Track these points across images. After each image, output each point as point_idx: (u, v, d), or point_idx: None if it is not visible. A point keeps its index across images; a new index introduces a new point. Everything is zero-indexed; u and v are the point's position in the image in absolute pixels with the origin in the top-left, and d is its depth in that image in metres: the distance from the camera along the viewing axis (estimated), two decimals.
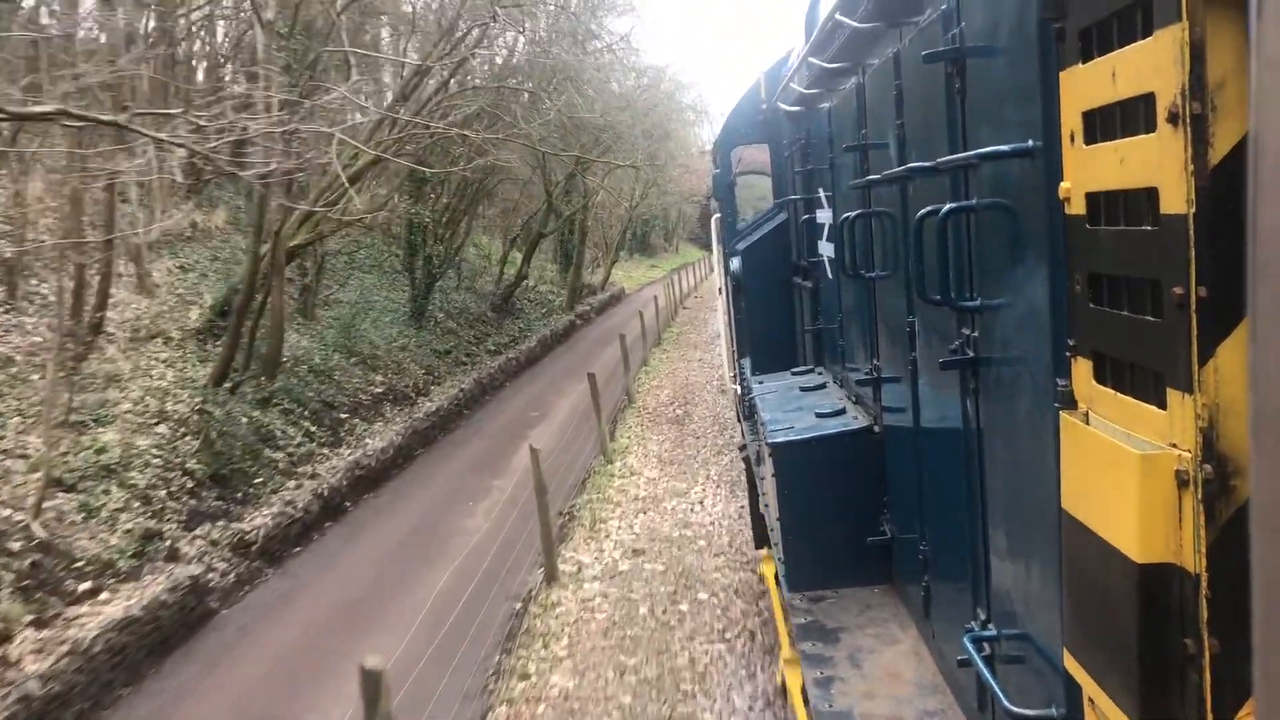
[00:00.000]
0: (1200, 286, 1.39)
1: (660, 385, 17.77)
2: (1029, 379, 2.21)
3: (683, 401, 15.64)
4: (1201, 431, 1.41)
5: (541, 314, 28.83)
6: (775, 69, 7.08)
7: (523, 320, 26.70)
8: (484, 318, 23.87)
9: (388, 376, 15.52)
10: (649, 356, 20.86)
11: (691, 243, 75.59)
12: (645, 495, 9.97)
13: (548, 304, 31.07)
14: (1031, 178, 2.08)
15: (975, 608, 2.76)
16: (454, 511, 10.29)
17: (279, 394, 11.87)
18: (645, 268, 57.50)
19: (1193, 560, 1.43)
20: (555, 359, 23.75)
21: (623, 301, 40.67)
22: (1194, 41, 1.36)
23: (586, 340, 27.92)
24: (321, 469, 11.04)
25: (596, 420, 11.42)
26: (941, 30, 2.66)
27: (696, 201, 65.99)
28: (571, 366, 21.41)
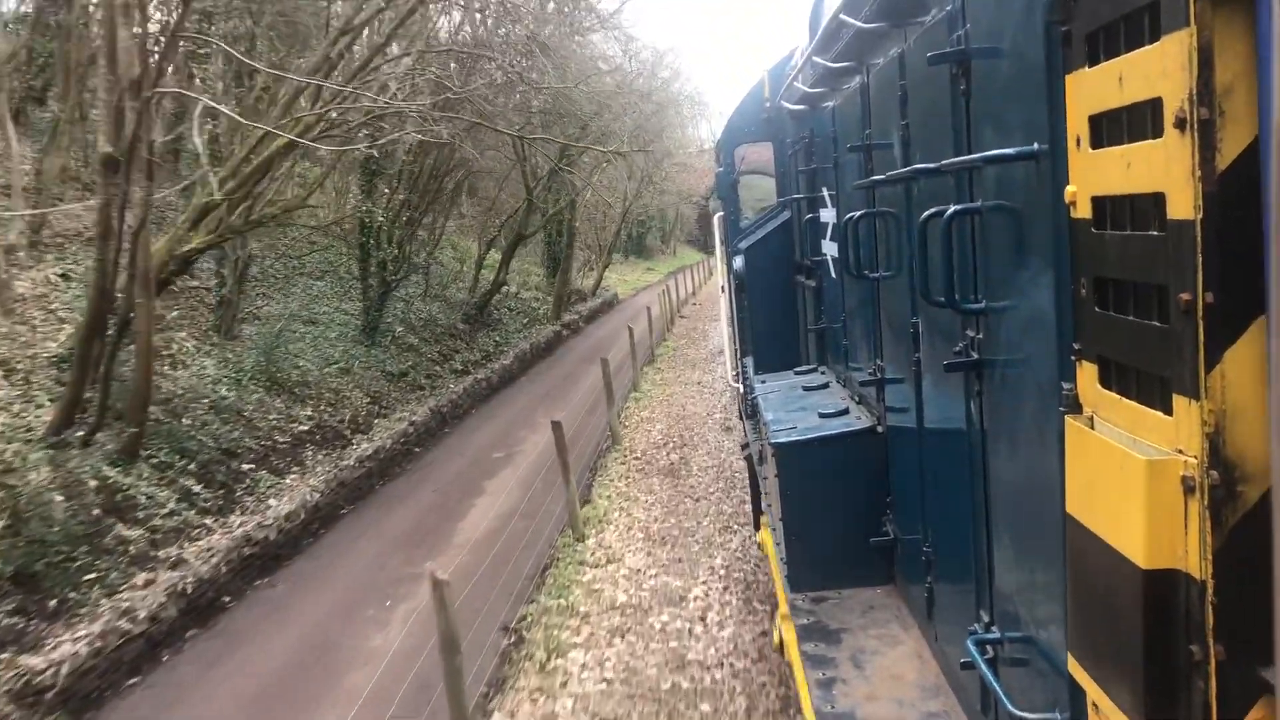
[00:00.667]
0: (1207, 292, 1.40)
1: (652, 418, 15.79)
2: (1033, 382, 2.20)
3: (678, 443, 13.61)
4: (1208, 437, 1.42)
5: (522, 325, 26.90)
6: (779, 68, 7.24)
7: (500, 332, 24.81)
8: (454, 330, 21.92)
9: (319, 409, 13.48)
10: (640, 379, 19.29)
11: (689, 245, 76.47)
12: (625, 601, 7.71)
13: (531, 313, 28.97)
14: (1037, 181, 2.09)
15: (978, 610, 2.73)
16: (365, 616, 7.98)
17: (155, 442, 9.56)
18: (641, 271, 58.18)
19: (1199, 566, 1.43)
20: (535, 378, 21.75)
21: (615, 309, 39.09)
22: (1202, 46, 1.35)
23: (573, 355, 25.87)
24: (193, 550, 8.58)
25: (565, 481, 9.56)
26: (946, 31, 2.69)
27: (695, 202, 66.24)
28: (552, 388, 19.74)
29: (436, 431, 14.59)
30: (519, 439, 13.79)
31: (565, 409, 14.83)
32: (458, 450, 13.46)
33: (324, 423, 12.56)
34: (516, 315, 26.37)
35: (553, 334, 26.50)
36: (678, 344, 26.20)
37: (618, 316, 34.60)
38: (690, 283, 42.39)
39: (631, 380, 17.59)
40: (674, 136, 43.64)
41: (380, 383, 15.17)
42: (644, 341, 22.84)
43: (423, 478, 12.04)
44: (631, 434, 13.55)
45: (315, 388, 13.23)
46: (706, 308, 37.27)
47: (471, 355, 20.23)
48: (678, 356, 23.37)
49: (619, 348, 20.43)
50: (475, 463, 12.51)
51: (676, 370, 20.89)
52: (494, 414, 16.53)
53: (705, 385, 18.16)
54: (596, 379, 15.81)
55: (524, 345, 23.07)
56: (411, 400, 15.35)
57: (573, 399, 16.57)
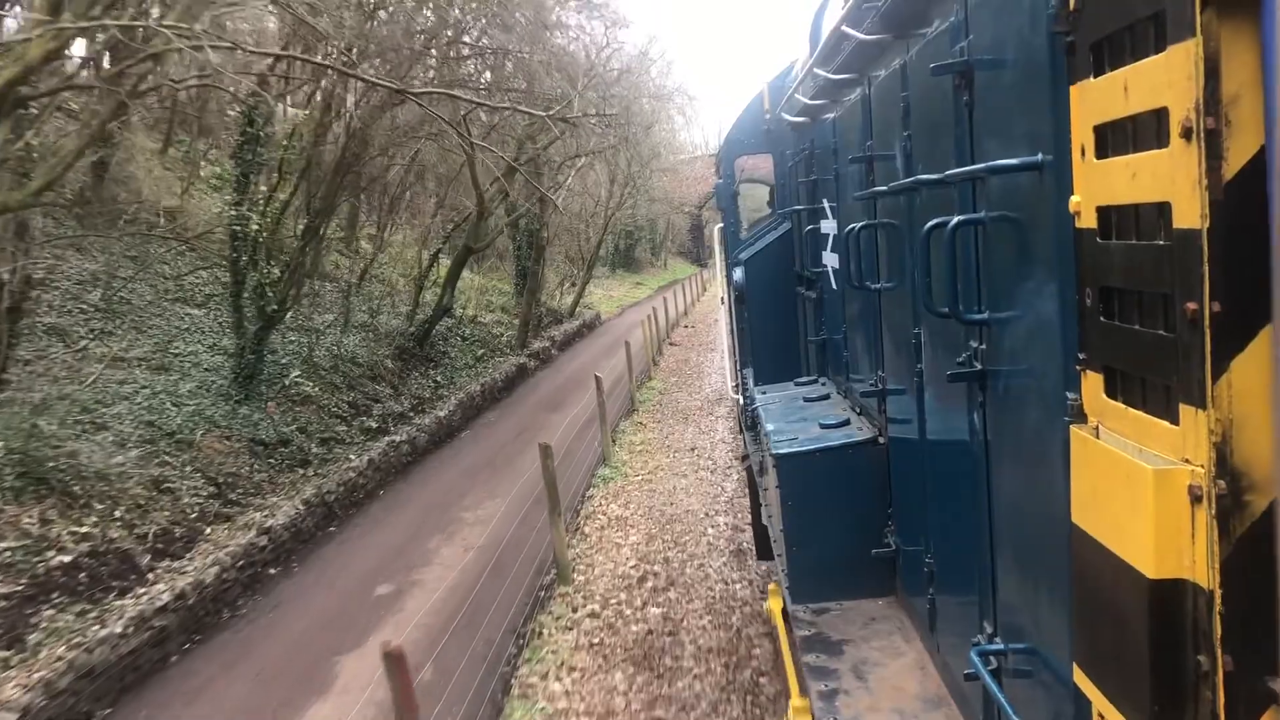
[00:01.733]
0: (1214, 301, 1.50)
1: (623, 520, 10.83)
2: (1038, 392, 2.35)
3: (661, 581, 8.74)
4: (1215, 447, 1.51)
5: (476, 358, 22.36)
6: (779, 80, 7.58)
7: (443, 370, 20.18)
8: (378, 371, 17.50)
9: (108, 519, 8.82)
10: (611, 445, 14.38)
11: (681, 257, 71.56)
12: None
13: (490, 342, 24.40)
14: (1041, 191, 2.24)
15: (982, 621, 2.88)
16: None
17: None
18: (628, 286, 54.22)
19: (1206, 576, 1.53)
20: (480, 434, 17.01)
21: (596, 331, 34.85)
22: (1208, 56, 1.43)
23: (536, 396, 21.03)
24: None
25: None
26: (949, 42, 2.84)
27: (687, 212, 65.75)
28: (497, 452, 15.06)
29: (311, 536, 11.24)
30: (424, 557, 10.27)
31: (509, 487, 12.35)
32: (328, 578, 9.89)
33: (110, 543, 8.73)
34: (470, 346, 23.00)
35: (515, 368, 22.84)
36: (666, 384, 22.24)
37: (598, 342, 31.75)
38: (682, 299, 40.11)
39: (600, 450, 14.19)
40: (663, 136, 41.55)
41: (241, 458, 11.74)
42: (621, 385, 19.68)
43: (245, 650, 8.21)
44: (590, 556, 9.92)
45: (115, 481, 9.46)
46: (701, 332, 31.80)
47: (397, 405, 16.87)
48: (665, 404, 19.37)
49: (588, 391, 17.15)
50: (342, 613, 8.88)
51: (663, 427, 17.01)
52: (404, 501, 13.01)
53: (704, 454, 14.44)
54: (559, 434, 13.98)
55: (473, 387, 19.50)
56: (284, 484, 11.89)
57: (522, 468, 13.13)
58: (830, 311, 5.97)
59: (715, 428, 16.16)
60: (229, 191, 14.09)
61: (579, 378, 21.53)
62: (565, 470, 12.04)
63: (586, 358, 26.29)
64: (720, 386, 19.44)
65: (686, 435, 15.68)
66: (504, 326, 25.99)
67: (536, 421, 17.27)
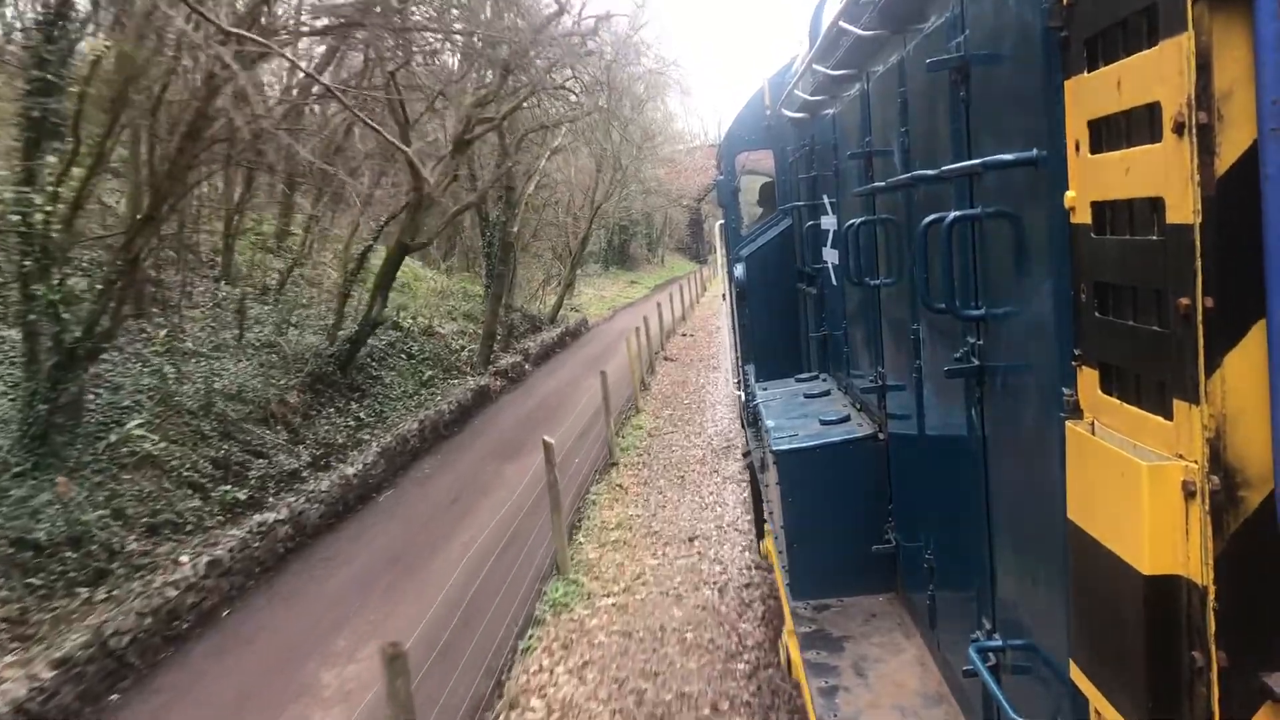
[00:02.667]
0: (1207, 297, 1.58)
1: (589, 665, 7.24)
2: (1034, 388, 2.49)
3: None
4: (1208, 442, 1.59)
5: (421, 382, 17.77)
6: (779, 76, 7.78)
7: (373, 402, 15.71)
8: (275, 409, 13.19)
9: None
10: (578, 527, 10.60)
11: (680, 253, 69.47)
12: None
13: (445, 359, 19.74)
14: (1037, 186, 2.37)
15: (981, 617, 3.03)
16: None
17: None
18: (622, 285, 49.95)
19: (1200, 572, 1.62)
20: (406, 496, 12.69)
21: (582, 340, 30.49)
22: (1200, 51, 1.50)
23: (494, 431, 16.33)
24: None
25: None
26: (946, 38, 3.01)
27: (685, 205, 61.60)
28: (417, 531, 10.93)
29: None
30: None
31: (410, 612, 8.23)
32: None
33: None
34: (418, 366, 18.90)
35: (472, 394, 18.76)
36: (657, 419, 17.28)
37: (582, 353, 27.67)
38: (681, 300, 35.94)
39: (568, 532, 10.26)
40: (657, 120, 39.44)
41: None
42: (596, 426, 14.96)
43: None
44: None
45: None
46: (702, 342, 27.28)
47: (292, 460, 12.50)
48: (655, 454, 14.52)
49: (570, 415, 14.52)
50: None
51: (649, 493, 12.18)
52: (248, 638, 8.32)
53: (710, 549, 9.75)
54: (508, 505, 10.15)
55: (409, 425, 15.41)
56: (44, 619, 7.38)
57: (440, 570, 9.17)
58: (831, 307, 6.24)
59: (725, 498, 11.75)
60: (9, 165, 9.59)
61: (553, 403, 19.39)
62: (499, 578, 9.11)
63: (566, 374, 23.57)
64: (728, 429, 14.85)
65: (683, 511, 11.54)
66: (467, 339, 22.22)
67: (483, 477, 13.31)
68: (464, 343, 22.28)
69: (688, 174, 57.47)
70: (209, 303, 16.58)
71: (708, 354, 26.23)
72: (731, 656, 7.25)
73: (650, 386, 20.67)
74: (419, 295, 24.84)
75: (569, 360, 25.50)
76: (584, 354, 26.71)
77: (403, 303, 22.64)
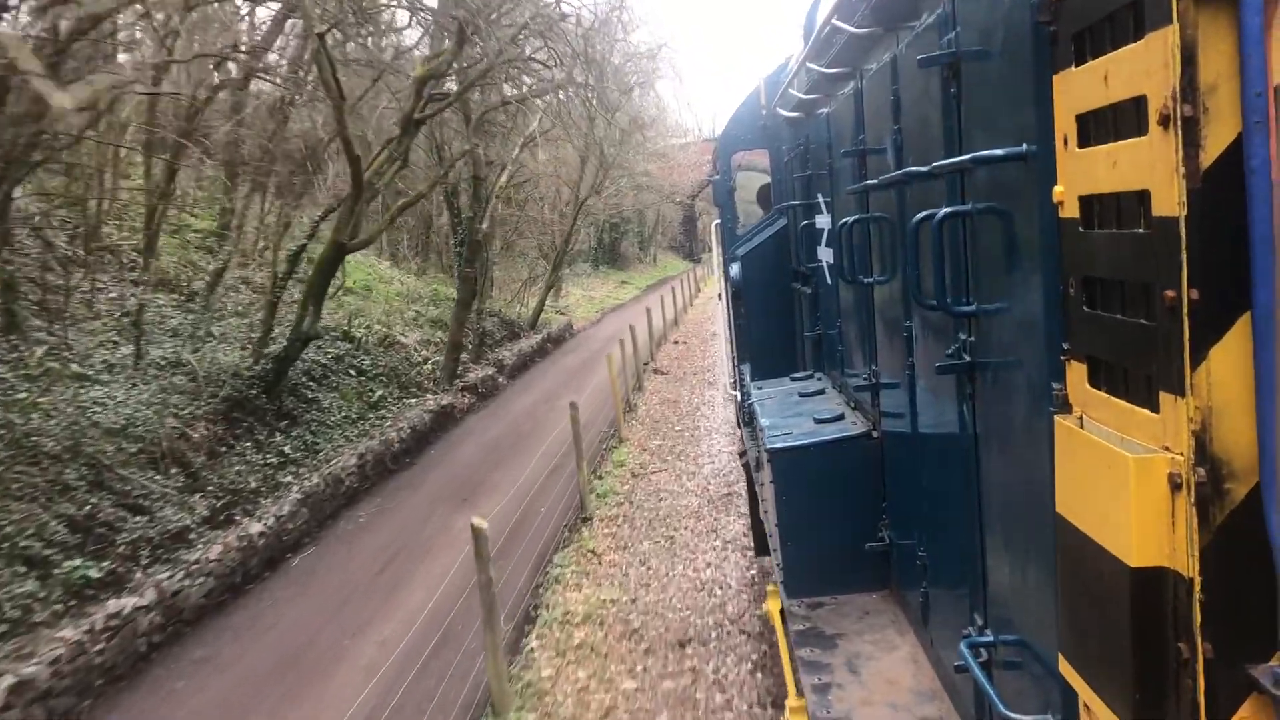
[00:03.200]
0: (1192, 289, 1.59)
1: None
2: (1025, 383, 2.50)
3: None
4: (1194, 435, 1.59)
5: (370, 404, 15.21)
6: (775, 75, 7.78)
7: (304, 431, 13.06)
8: (169, 447, 10.38)
9: None
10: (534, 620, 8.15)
11: (673, 252, 65.34)
12: None
13: (404, 374, 17.22)
14: (1026, 181, 2.37)
15: (972, 613, 3.05)
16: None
17: None
18: (612, 285, 47.10)
19: (1186, 564, 1.62)
20: (327, 557, 10.24)
21: (565, 347, 27.68)
22: (1185, 44, 1.50)
23: (452, 462, 13.85)
24: None
25: None
26: (938, 35, 3.02)
27: (679, 202, 58.48)
28: (329, 617, 8.53)
29: None
30: None
31: None
32: None
33: None
34: (369, 383, 16.18)
35: (433, 414, 16.20)
36: (643, 453, 14.26)
37: (564, 362, 25.05)
38: (674, 301, 33.73)
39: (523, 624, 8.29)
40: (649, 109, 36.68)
41: None
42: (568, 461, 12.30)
43: None
44: None
45: None
46: (697, 350, 24.71)
47: (177, 516, 9.52)
48: (640, 502, 11.66)
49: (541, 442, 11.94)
50: None
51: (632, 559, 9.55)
52: None
53: (713, 657, 7.31)
54: (455, 568, 7.98)
55: (345, 460, 12.69)
56: None
57: (361, 661, 7.48)
58: (825, 306, 6.25)
59: (727, 572, 9.17)
60: None
61: (525, 427, 16.76)
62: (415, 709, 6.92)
63: (544, 388, 20.89)
64: (728, 467, 12.39)
65: (673, 592, 9.42)
66: (433, 349, 19.53)
67: (427, 530, 11.04)
68: (429, 354, 20.03)
69: (681, 170, 55.35)
70: (118, 312, 13.74)
71: (703, 365, 23.70)
72: None
73: (637, 408, 17.99)
74: (382, 299, 22.20)
75: (549, 371, 23.31)
76: (566, 364, 24.49)
77: (362, 308, 20.30)
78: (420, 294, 24.38)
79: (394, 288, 23.93)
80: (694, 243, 74.77)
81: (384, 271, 25.28)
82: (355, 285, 22.43)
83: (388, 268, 26.38)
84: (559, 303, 36.26)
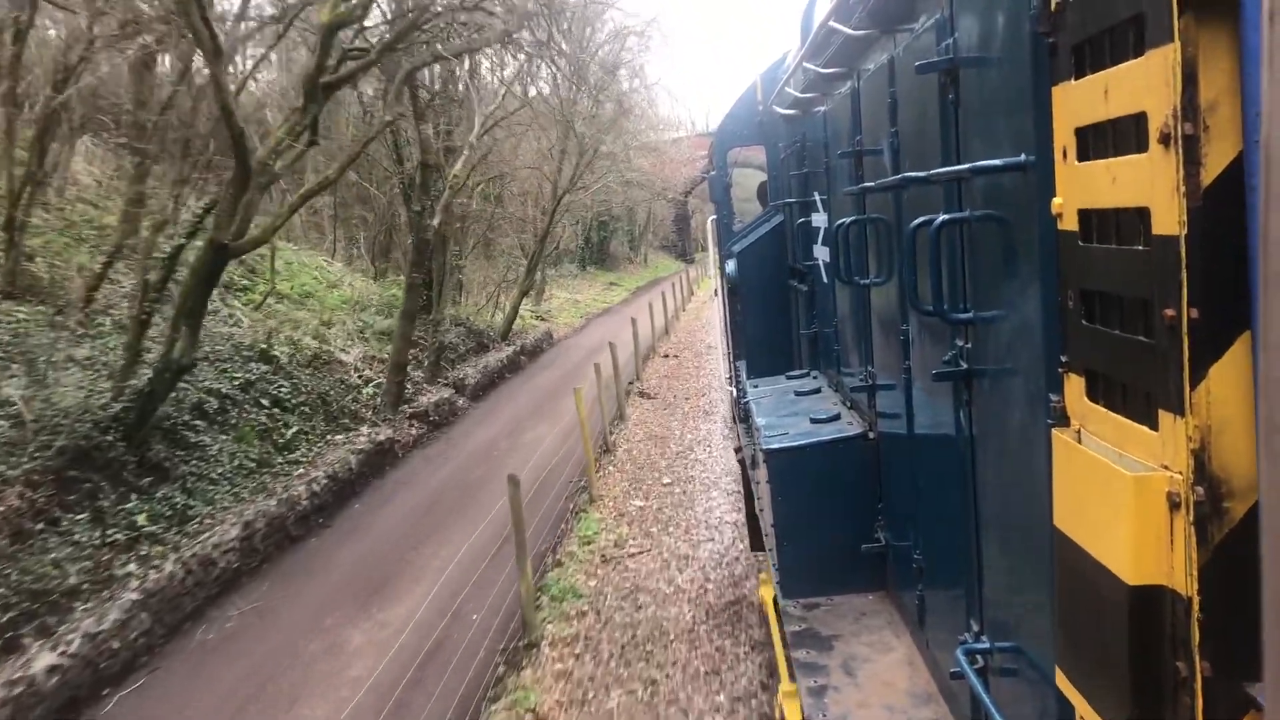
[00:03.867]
0: (1192, 308, 1.59)
1: None
2: (1022, 393, 2.49)
3: None
4: (1193, 453, 1.58)
5: (279, 445, 11.92)
6: (771, 71, 7.77)
7: (175, 490, 9.75)
8: None
9: None
10: None
11: (665, 251, 60.88)
12: None
13: (336, 401, 14.04)
14: (1025, 192, 2.37)
15: (969, 619, 3.05)
16: None
17: None
18: (600, 287, 43.77)
19: (1184, 583, 1.62)
20: (169, 693, 6.62)
21: (541, 361, 23.72)
22: (1186, 62, 1.49)
23: (374, 529, 10.54)
24: None
25: None
26: (935, 40, 3.02)
27: (671, 200, 54.64)
28: None
29: None
30: None
31: None
32: None
33: None
34: (285, 416, 12.57)
35: (364, 455, 12.70)
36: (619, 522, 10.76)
37: (541, 378, 20.99)
38: (665, 305, 30.04)
39: None
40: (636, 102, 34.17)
41: None
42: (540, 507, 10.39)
43: None
44: None
45: None
46: (689, 366, 21.53)
47: None
48: (610, 610, 8.24)
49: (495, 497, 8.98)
50: None
51: None
52: None
53: None
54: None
55: (227, 530, 9.34)
56: None
57: None
58: (821, 305, 6.28)
59: None
60: None
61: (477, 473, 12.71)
62: None
63: (511, 414, 18.03)
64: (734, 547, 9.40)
65: None
66: (379, 367, 16.67)
67: (311, 650, 8.72)
68: (373, 374, 16.50)
69: (673, 165, 51.94)
70: None
71: (697, 387, 19.40)
72: None
73: (616, 448, 14.13)
74: (326, 306, 18.76)
75: (520, 391, 19.56)
76: (541, 381, 20.70)
77: (296, 319, 16.69)
78: (372, 300, 20.81)
79: (340, 293, 20.45)
80: (687, 242, 71.24)
81: (335, 274, 21.89)
82: (293, 291, 19.07)
83: (343, 270, 22.87)
84: (541, 307, 33.32)
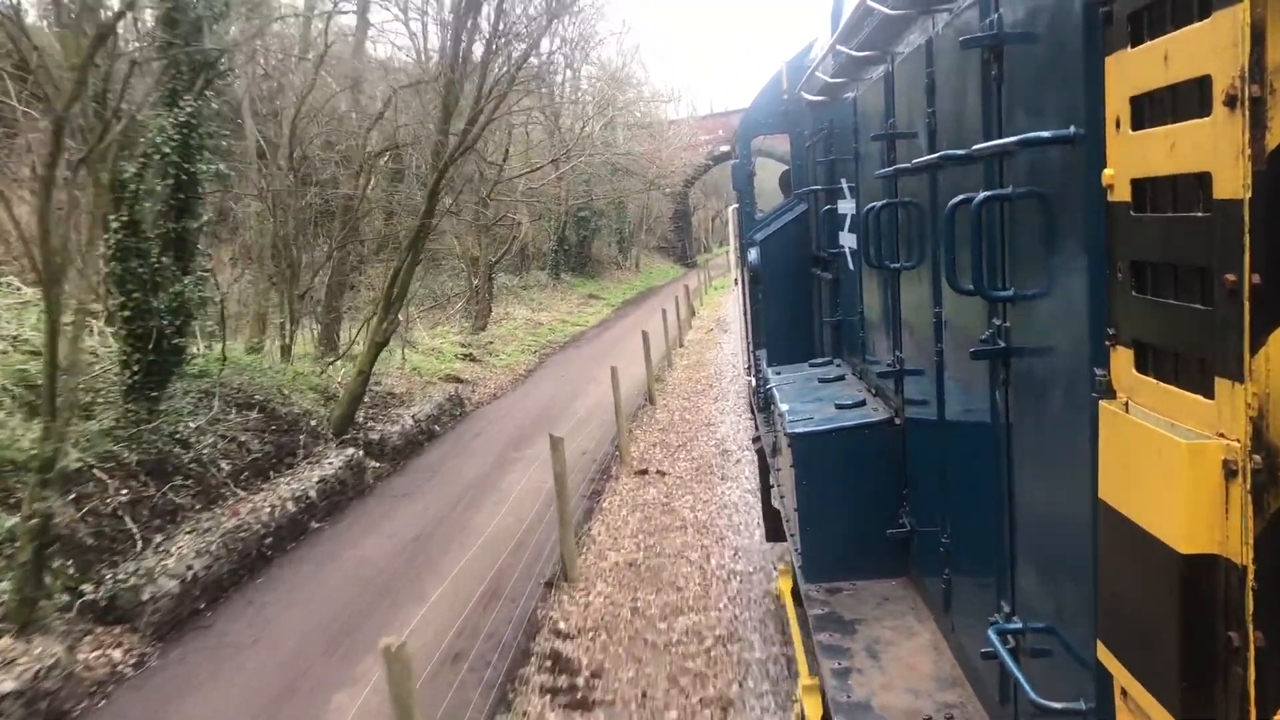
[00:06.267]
0: (1254, 273, 1.56)
1: None
2: (1065, 369, 2.47)
3: None
4: (1251, 421, 1.56)
5: None
6: (797, 60, 7.99)
7: None
8: None
9: None
10: None
11: (660, 254, 50.26)
12: None
13: None
14: (1073, 165, 2.34)
15: (999, 600, 3.06)
16: None
17: None
18: (576, 302, 32.98)
19: (1239, 551, 1.60)
20: None
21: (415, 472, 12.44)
22: (1255, 22, 1.48)
23: None
24: None
25: None
26: (979, 16, 3.01)
27: (669, 192, 46.20)
28: None
29: None
30: None
31: None
32: None
33: None
34: None
35: None
36: None
37: (367, 547, 9.86)
38: (659, 334, 19.69)
39: None
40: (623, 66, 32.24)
41: None
42: None
43: None
44: None
45: None
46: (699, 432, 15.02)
47: None
48: None
49: None
50: None
51: None
52: None
53: None
54: None
55: None
56: None
57: None
58: (846, 292, 6.35)
59: None
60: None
61: None
62: None
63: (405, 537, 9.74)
64: None
65: None
66: None
67: None
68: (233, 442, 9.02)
69: (672, 151, 43.18)
70: None
71: (725, 524, 9.78)
72: None
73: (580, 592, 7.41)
74: None
75: (306, 602, 8.54)
76: (367, 556, 9.79)
77: None
78: None
79: None
80: (688, 242, 57.50)
81: None
82: None
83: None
84: (481, 337, 22.76)
